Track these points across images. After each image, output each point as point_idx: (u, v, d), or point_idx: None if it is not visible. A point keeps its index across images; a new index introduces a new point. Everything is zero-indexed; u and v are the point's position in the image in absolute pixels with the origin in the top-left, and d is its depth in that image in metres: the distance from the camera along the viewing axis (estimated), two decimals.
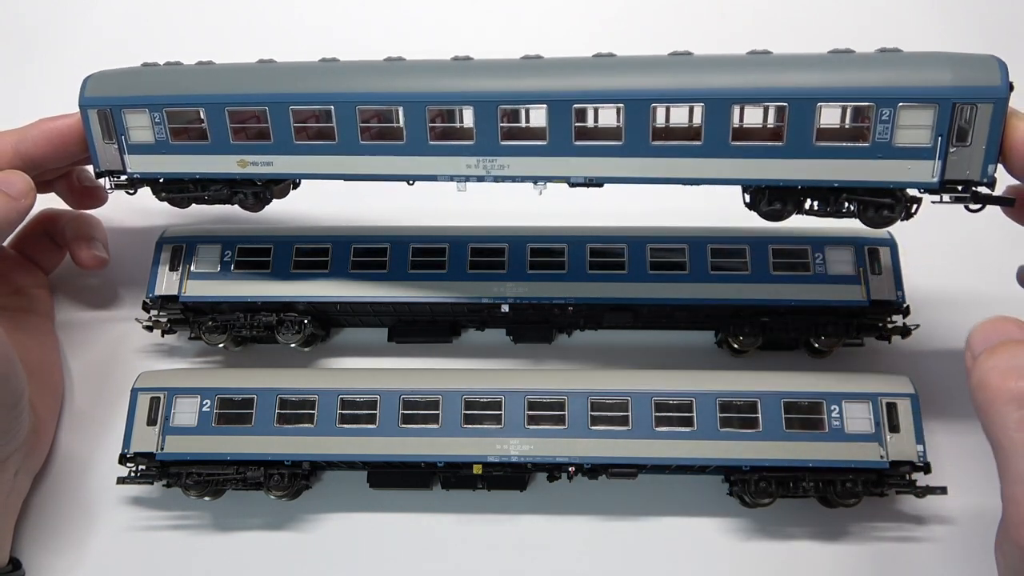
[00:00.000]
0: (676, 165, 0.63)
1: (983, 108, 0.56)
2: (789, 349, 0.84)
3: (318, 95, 0.68)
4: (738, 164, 0.62)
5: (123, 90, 0.73)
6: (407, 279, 0.80)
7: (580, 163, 0.65)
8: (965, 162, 0.58)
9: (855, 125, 0.61)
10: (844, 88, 0.59)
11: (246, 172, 0.72)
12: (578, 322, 0.84)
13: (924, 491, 0.72)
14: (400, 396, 0.76)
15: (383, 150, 0.68)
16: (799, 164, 0.61)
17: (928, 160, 0.58)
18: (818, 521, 0.77)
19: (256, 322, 0.82)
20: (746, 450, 0.73)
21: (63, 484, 0.81)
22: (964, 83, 0.57)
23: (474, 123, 0.65)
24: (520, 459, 0.74)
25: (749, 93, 0.60)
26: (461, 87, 0.65)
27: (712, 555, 0.77)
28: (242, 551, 0.79)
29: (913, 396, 0.74)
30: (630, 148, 0.63)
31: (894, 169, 0.59)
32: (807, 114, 0.59)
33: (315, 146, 0.70)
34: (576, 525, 0.79)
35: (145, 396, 0.77)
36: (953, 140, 0.57)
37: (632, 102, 0.62)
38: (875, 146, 0.59)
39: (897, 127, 0.58)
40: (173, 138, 0.72)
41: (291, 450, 0.75)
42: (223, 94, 0.70)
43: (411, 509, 0.80)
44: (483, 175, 0.67)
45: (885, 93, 0.58)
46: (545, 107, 0.64)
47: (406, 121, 0.67)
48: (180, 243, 0.83)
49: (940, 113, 0.57)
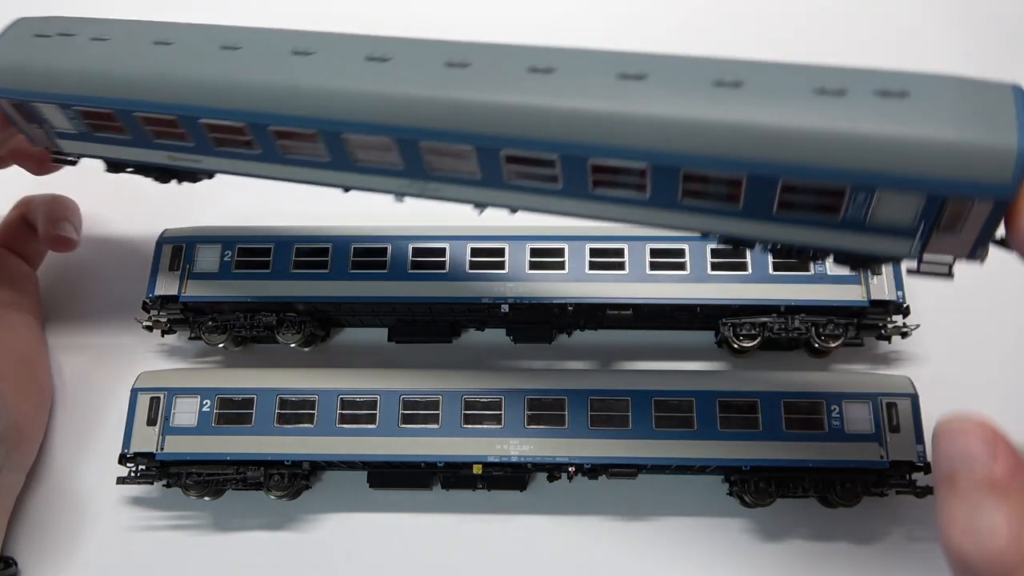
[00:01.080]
0: (621, 211, 0.54)
1: (981, 204, 0.45)
2: (789, 349, 0.84)
3: (226, 111, 0.58)
4: (689, 218, 0.53)
5: (25, 82, 0.63)
6: (407, 279, 0.80)
7: (515, 197, 0.56)
8: (950, 245, 0.48)
9: (824, 201, 0.48)
10: (815, 167, 0.46)
11: (177, 164, 0.66)
12: (578, 322, 0.84)
13: (924, 491, 0.72)
14: (400, 396, 0.76)
15: (309, 164, 0.60)
16: (759, 225, 0.52)
17: (907, 239, 0.49)
18: (818, 521, 0.78)
19: (256, 322, 0.82)
20: (746, 450, 0.73)
21: (63, 484, 0.81)
22: (964, 175, 0.43)
23: (399, 156, 0.56)
24: (520, 459, 0.74)
25: (701, 160, 0.48)
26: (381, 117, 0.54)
27: (712, 555, 0.77)
28: (242, 551, 0.79)
29: (913, 396, 0.74)
30: (570, 191, 0.54)
31: (867, 241, 0.50)
32: (768, 188, 0.48)
33: (237, 153, 0.62)
34: (576, 525, 0.79)
35: (145, 396, 0.77)
36: (939, 227, 0.47)
37: (569, 158, 0.51)
38: (846, 221, 0.49)
39: (874, 208, 0.47)
40: (95, 130, 0.65)
41: (291, 450, 0.75)
42: (127, 99, 0.60)
43: (411, 509, 0.80)
44: (419, 194, 0.59)
45: (864, 178, 0.45)
46: (474, 152, 0.53)
47: (327, 147, 0.58)
48: (180, 243, 0.83)
49: (927, 203, 0.46)
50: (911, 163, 0.44)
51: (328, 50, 0.56)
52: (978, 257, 0.48)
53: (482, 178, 0.55)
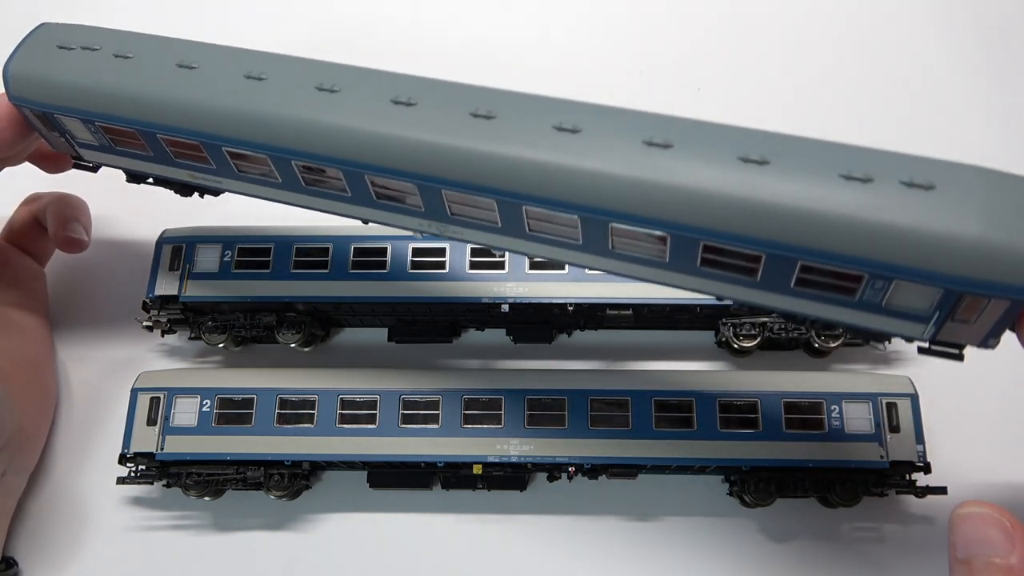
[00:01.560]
0: (639, 269, 0.55)
1: (997, 302, 0.45)
2: (789, 349, 0.84)
3: (250, 143, 0.58)
4: (706, 283, 0.54)
5: (49, 96, 0.62)
6: (407, 279, 0.80)
7: (535, 247, 0.57)
8: (963, 333, 0.49)
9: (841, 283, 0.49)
10: (835, 254, 0.46)
11: (198, 183, 0.67)
12: (578, 322, 0.84)
13: (924, 491, 0.73)
14: (400, 396, 0.76)
15: (328, 195, 0.61)
16: (774, 297, 0.52)
17: (921, 323, 0.49)
18: (818, 521, 0.78)
19: (256, 322, 0.82)
20: (746, 450, 0.73)
21: (62, 485, 0.81)
22: (982, 275, 0.43)
23: (420, 199, 0.57)
24: (520, 459, 0.74)
25: (723, 236, 0.48)
26: (402, 163, 0.54)
27: (712, 555, 0.77)
28: (242, 551, 0.79)
29: (913, 396, 0.74)
30: (590, 248, 0.55)
31: (880, 321, 0.50)
32: (787, 267, 0.49)
33: (258, 179, 0.62)
34: (576, 525, 0.79)
35: (145, 396, 0.77)
36: (953, 318, 0.47)
37: (589, 221, 0.52)
38: (862, 303, 0.49)
39: (890, 295, 0.48)
40: (117, 144, 0.66)
41: (291, 450, 0.75)
42: (152, 123, 0.60)
43: (411, 509, 0.80)
44: (438, 234, 0.59)
45: (883, 268, 0.45)
46: (495, 202, 0.53)
47: (348, 184, 0.58)
48: (180, 243, 0.83)
49: (944, 296, 0.46)
50: (931, 258, 0.44)
51: (353, 88, 0.56)
52: (990, 346, 0.49)
53: (502, 227, 0.56)
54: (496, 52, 1.01)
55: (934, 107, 0.96)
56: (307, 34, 1.04)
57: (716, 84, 0.99)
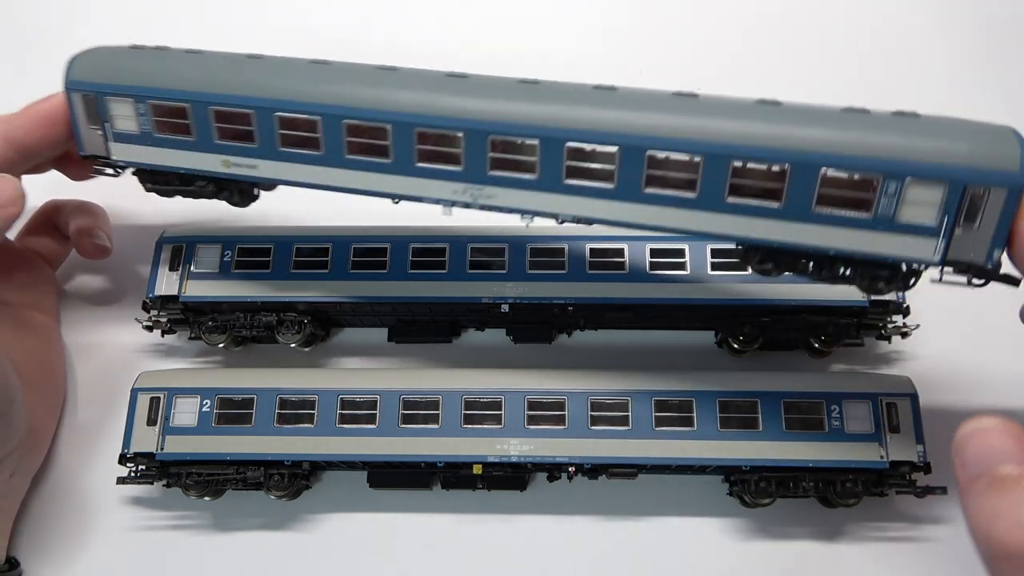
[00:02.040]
0: (668, 215, 0.60)
1: (996, 192, 0.52)
2: (789, 349, 0.84)
3: (306, 104, 0.65)
4: (732, 220, 0.58)
5: (108, 76, 0.70)
6: (407, 279, 0.80)
7: (570, 201, 0.62)
8: (970, 244, 0.54)
9: (858, 194, 0.55)
10: (852, 156, 0.54)
11: (230, 172, 0.70)
12: (578, 322, 0.84)
13: (924, 491, 0.72)
14: (400, 396, 0.76)
15: (368, 166, 0.66)
16: (796, 227, 0.57)
17: (931, 239, 0.55)
18: (818, 521, 0.78)
19: (256, 322, 0.82)
20: (746, 450, 0.73)
21: (63, 484, 0.81)
22: (979, 164, 0.52)
23: (463, 149, 0.62)
24: (520, 459, 0.74)
25: (751, 151, 0.56)
26: (453, 111, 0.61)
27: (712, 555, 0.77)
28: (242, 551, 0.79)
29: (913, 396, 0.74)
30: (622, 192, 0.60)
31: (895, 243, 0.56)
32: (809, 178, 0.55)
33: (299, 155, 0.67)
34: (576, 525, 0.79)
35: (145, 396, 0.77)
36: (960, 221, 0.53)
37: (629, 148, 0.58)
38: (877, 219, 0.55)
39: (903, 203, 0.54)
40: (157, 131, 0.69)
41: (291, 450, 0.75)
42: (209, 93, 0.67)
43: (411, 509, 0.80)
44: (469, 202, 0.64)
45: (894, 167, 0.53)
46: (537, 141, 0.60)
47: (393, 140, 0.64)
48: (180, 243, 0.83)
49: (950, 193, 0.52)
50: (935, 154, 0.52)
51: (411, 72, 0.64)
52: (994, 260, 0.53)
53: (539, 179, 0.61)
54: (496, 53, 1.01)
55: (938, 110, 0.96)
56: (308, 37, 1.04)
57: (716, 84, 0.99)
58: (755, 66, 1.00)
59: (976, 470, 0.50)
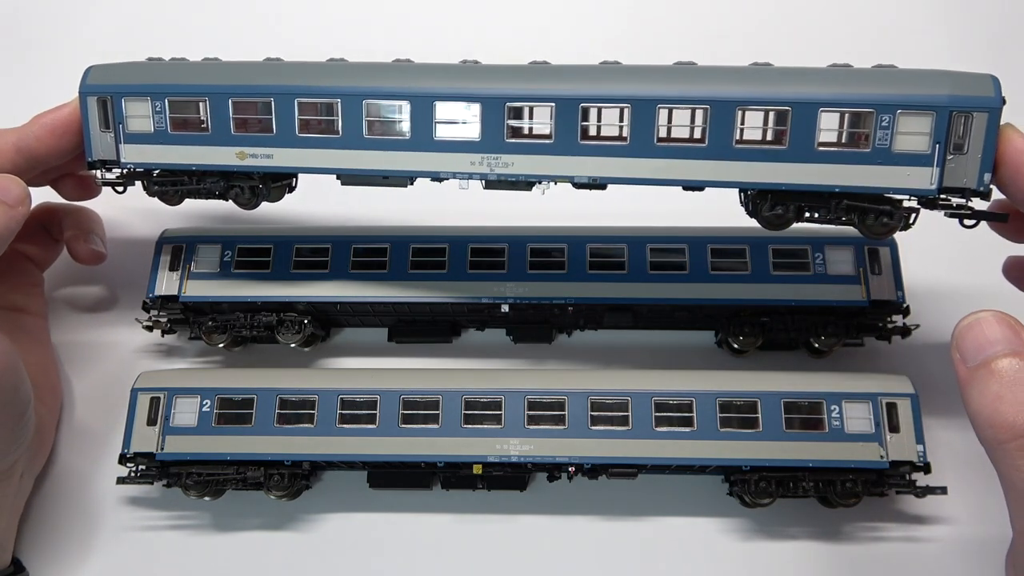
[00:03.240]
0: (679, 167, 0.64)
1: (978, 117, 0.59)
2: (789, 349, 0.84)
3: (324, 88, 0.69)
4: (741, 167, 0.63)
5: (125, 79, 0.72)
6: (407, 279, 0.80)
7: (584, 163, 0.66)
8: (962, 171, 0.60)
9: (855, 131, 0.62)
10: (847, 95, 0.61)
11: (244, 165, 0.72)
12: (578, 322, 0.84)
13: (924, 491, 0.72)
14: (400, 396, 0.76)
15: (387, 145, 0.69)
16: (801, 168, 0.62)
17: (926, 167, 0.60)
18: (818, 521, 0.78)
19: (256, 322, 0.82)
20: (746, 450, 0.73)
21: (63, 484, 0.81)
22: (960, 94, 0.60)
23: (480, 119, 0.66)
24: (520, 459, 0.74)
25: (754, 97, 0.62)
26: (469, 85, 0.66)
27: (712, 555, 0.77)
28: (242, 551, 0.79)
29: (913, 396, 0.74)
30: (635, 149, 0.64)
31: (894, 175, 0.61)
32: (810, 118, 0.61)
33: (317, 139, 0.70)
34: (576, 525, 0.79)
35: (145, 396, 0.77)
36: (950, 149, 0.59)
37: (639, 102, 0.64)
38: (875, 152, 0.61)
39: (896, 133, 0.60)
40: (172, 128, 0.72)
41: (291, 450, 0.75)
42: (229, 84, 0.70)
43: (411, 509, 0.80)
44: (487, 173, 0.67)
45: (886, 100, 0.60)
46: (552, 106, 0.65)
47: (412, 116, 0.67)
48: (180, 243, 0.83)
49: (938, 121, 0.59)
50: (921, 88, 0.60)
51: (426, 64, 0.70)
52: (985, 184, 0.59)
53: (555, 142, 0.65)
54: (496, 53, 1.01)
55: None
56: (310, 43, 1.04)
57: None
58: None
59: (976, 360, 0.52)
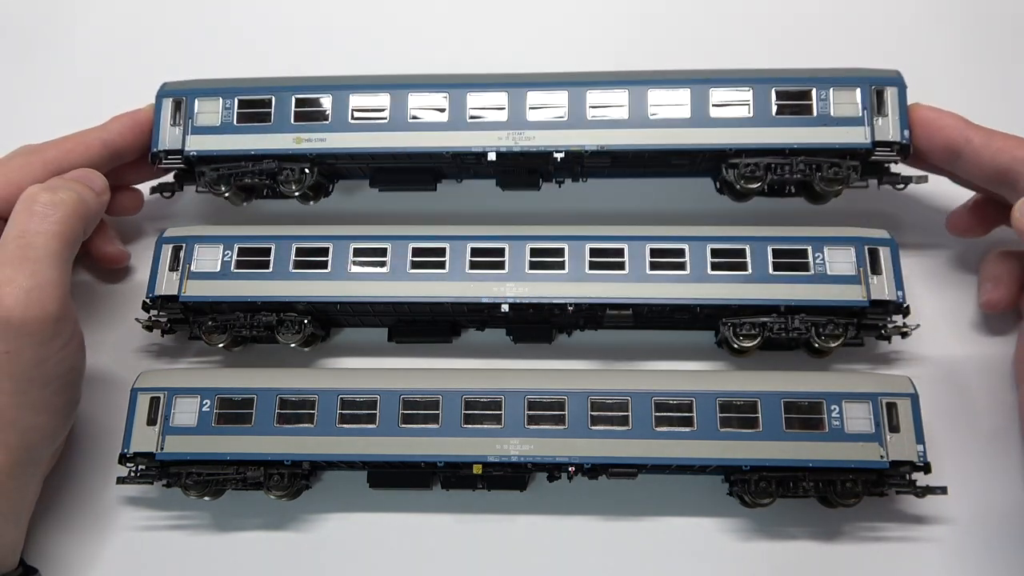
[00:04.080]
0: (670, 137, 0.80)
1: (891, 90, 0.79)
2: (789, 349, 0.84)
3: (375, 86, 0.83)
4: (717, 132, 0.80)
5: (198, 84, 0.85)
6: (407, 279, 0.80)
7: (593, 134, 0.81)
8: (887, 129, 0.79)
9: (802, 102, 0.80)
10: (792, 78, 0.81)
11: (300, 148, 0.82)
12: (578, 322, 0.84)
13: (924, 491, 0.73)
14: (400, 396, 0.76)
15: (428, 127, 0.81)
16: (764, 131, 0.80)
17: (860, 126, 0.79)
18: (818, 521, 0.78)
19: (256, 322, 0.82)
20: (746, 450, 0.73)
21: (63, 484, 0.81)
22: (877, 75, 0.80)
23: (507, 103, 0.81)
24: (520, 459, 0.74)
25: (723, 80, 0.81)
26: (498, 80, 0.83)
27: (712, 555, 0.77)
28: (242, 551, 0.79)
29: (913, 396, 0.74)
30: (633, 121, 0.81)
31: (837, 134, 0.79)
32: (766, 95, 0.80)
33: (368, 124, 0.82)
34: (576, 525, 0.79)
35: (145, 396, 0.77)
36: (876, 111, 0.78)
37: (634, 88, 0.81)
38: (819, 118, 0.79)
39: (833, 103, 0.79)
40: (238, 121, 0.83)
41: (291, 450, 0.75)
42: (292, 86, 0.83)
43: (411, 509, 0.80)
44: (511, 146, 0.81)
45: (822, 82, 0.80)
46: (566, 92, 0.81)
47: (449, 107, 0.81)
48: (180, 243, 0.83)
49: (863, 93, 0.79)
50: (848, 72, 0.81)
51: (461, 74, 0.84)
52: (904, 137, 0.78)
53: (568, 120, 0.81)
54: (497, 53, 1.02)
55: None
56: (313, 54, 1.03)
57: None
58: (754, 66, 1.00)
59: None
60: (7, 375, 0.68)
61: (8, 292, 0.67)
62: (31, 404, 0.70)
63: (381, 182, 0.87)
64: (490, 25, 1.03)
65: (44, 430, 0.72)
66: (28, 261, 0.68)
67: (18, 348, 0.68)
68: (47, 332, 0.68)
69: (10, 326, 0.67)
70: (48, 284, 0.68)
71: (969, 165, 0.75)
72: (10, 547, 0.74)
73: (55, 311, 0.68)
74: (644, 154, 0.81)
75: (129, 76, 0.96)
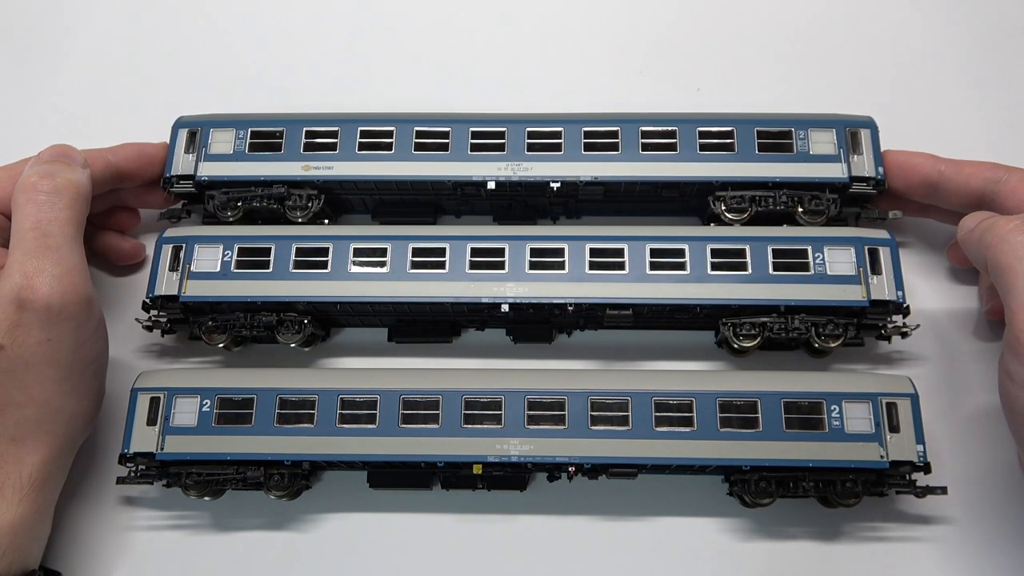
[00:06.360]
0: (660, 170, 0.84)
1: (864, 132, 0.84)
2: (789, 349, 0.84)
3: (381, 120, 0.87)
4: (705, 166, 0.84)
5: (214, 118, 0.88)
6: (407, 279, 0.80)
7: (587, 166, 0.84)
8: (863, 166, 0.83)
9: (783, 141, 0.85)
10: (774, 121, 0.86)
11: (308, 175, 0.85)
12: (578, 322, 0.84)
13: (924, 491, 0.73)
14: (400, 396, 0.76)
15: (429, 159, 0.85)
16: (748, 166, 0.84)
17: (837, 163, 0.83)
18: (818, 521, 0.78)
19: (256, 322, 0.82)
20: (746, 450, 0.73)
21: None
22: (851, 120, 0.85)
23: (506, 139, 0.85)
24: (520, 459, 0.74)
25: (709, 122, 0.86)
26: (498, 115, 0.87)
27: (712, 555, 0.77)
28: (242, 551, 0.79)
29: (913, 396, 0.74)
30: (626, 156, 0.85)
31: (815, 168, 0.83)
32: (749, 137, 0.85)
33: (374, 155, 0.85)
34: (576, 525, 0.79)
35: (145, 396, 0.77)
36: (852, 151, 0.84)
37: (625, 126, 0.86)
38: (799, 155, 0.84)
39: (812, 143, 0.84)
40: (249, 150, 0.86)
41: (291, 450, 0.75)
42: (303, 120, 0.87)
43: (411, 509, 0.80)
44: (510, 175, 0.84)
45: (801, 124, 0.85)
46: (562, 129, 0.85)
47: (452, 139, 0.85)
48: (180, 243, 0.83)
49: (839, 134, 0.84)
50: (825, 118, 0.86)
51: None
52: (879, 174, 0.83)
53: (564, 154, 0.85)
54: (497, 53, 1.02)
55: (937, 109, 0.96)
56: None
57: (716, 84, 0.99)
58: (754, 66, 1.00)
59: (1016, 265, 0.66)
60: (51, 363, 0.70)
61: (42, 281, 0.69)
62: (74, 390, 0.72)
63: (383, 215, 0.89)
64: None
65: (85, 416, 0.75)
66: (50, 250, 0.70)
67: (59, 335, 0.70)
68: (83, 314, 0.71)
69: (51, 313, 0.69)
70: (74, 268, 0.71)
71: (947, 194, 0.80)
72: (40, 544, 0.74)
73: (86, 292, 0.71)
74: (635, 185, 0.84)
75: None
